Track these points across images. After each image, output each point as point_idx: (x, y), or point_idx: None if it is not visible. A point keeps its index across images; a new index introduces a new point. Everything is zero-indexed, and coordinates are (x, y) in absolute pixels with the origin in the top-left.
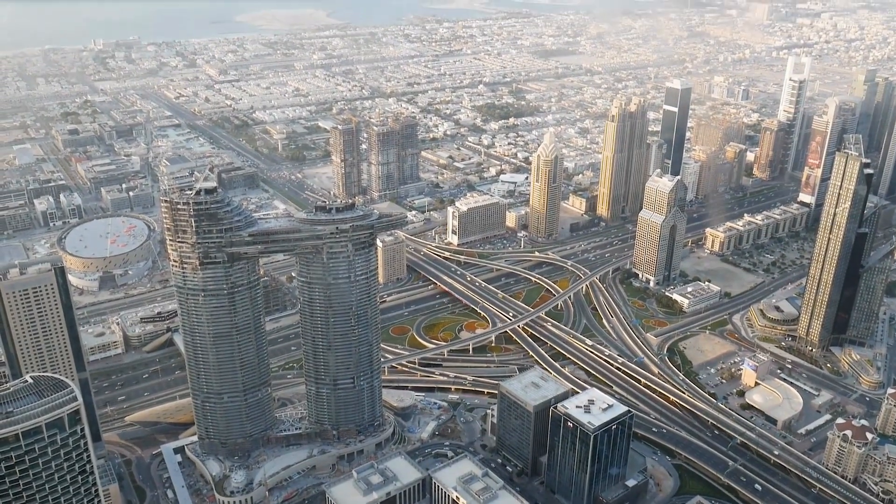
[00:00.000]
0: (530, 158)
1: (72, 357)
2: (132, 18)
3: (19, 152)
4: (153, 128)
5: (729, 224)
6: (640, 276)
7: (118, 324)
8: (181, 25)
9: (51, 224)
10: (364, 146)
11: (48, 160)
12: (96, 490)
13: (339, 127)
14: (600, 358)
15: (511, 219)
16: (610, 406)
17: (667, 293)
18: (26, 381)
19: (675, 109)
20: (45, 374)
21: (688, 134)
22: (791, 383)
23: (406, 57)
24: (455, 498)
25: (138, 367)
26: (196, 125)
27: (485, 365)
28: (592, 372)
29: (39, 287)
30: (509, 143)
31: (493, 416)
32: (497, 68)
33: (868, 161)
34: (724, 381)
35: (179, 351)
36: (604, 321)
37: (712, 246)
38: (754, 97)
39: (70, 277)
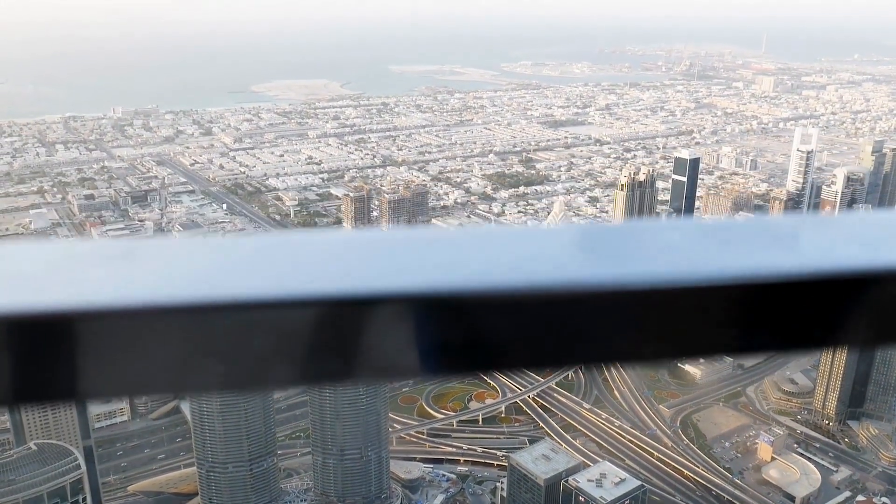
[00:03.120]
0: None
1: (77, 424)
2: (152, 88)
3: (35, 216)
4: (168, 194)
5: None
6: None
7: None
8: (199, 94)
9: None
10: (375, 213)
11: (63, 224)
12: None
13: (351, 194)
14: (612, 430)
15: None
16: (622, 480)
17: (679, 364)
18: (30, 448)
19: (685, 179)
20: (49, 441)
21: (697, 203)
22: (809, 458)
23: (418, 126)
24: None
25: (144, 435)
26: (210, 191)
27: (494, 436)
28: (604, 444)
29: None
30: (519, 212)
31: (502, 489)
32: (507, 138)
33: None
34: (739, 454)
35: (186, 418)
36: (615, 392)
37: None
38: (762, 167)
39: None
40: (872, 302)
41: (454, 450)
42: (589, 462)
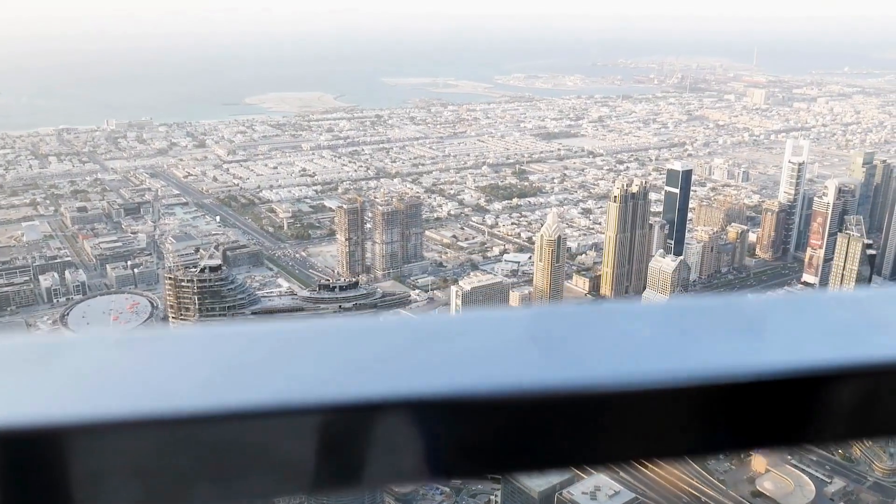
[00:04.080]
0: (533, 238)
1: None
2: (146, 100)
3: (27, 229)
4: (161, 206)
5: None
6: None
7: None
8: (192, 106)
9: (55, 300)
10: (369, 225)
11: (55, 237)
12: None
13: (345, 206)
14: None
15: (514, 298)
16: (617, 493)
17: None
18: None
19: (677, 191)
20: None
21: (690, 215)
22: (803, 470)
23: (411, 139)
24: None
25: None
26: (203, 204)
27: None
28: None
29: None
30: (513, 223)
31: (496, 502)
32: (500, 150)
33: (870, 242)
34: (733, 466)
35: None
36: None
37: None
38: (754, 179)
39: None
40: (844, 400)
41: None
42: (583, 475)
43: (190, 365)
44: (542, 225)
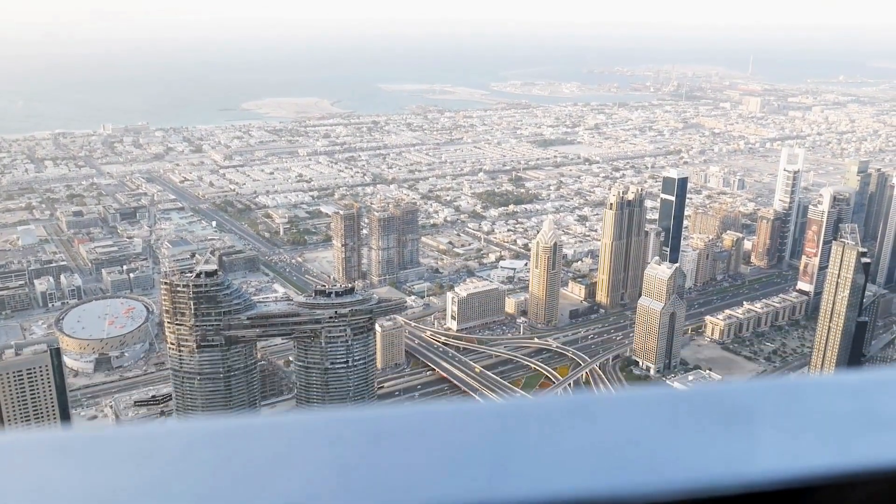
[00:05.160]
0: (529, 245)
1: None
2: (142, 105)
3: (23, 233)
4: (157, 211)
5: (729, 312)
6: (641, 363)
7: (111, 407)
8: (189, 112)
9: (50, 305)
10: (365, 231)
11: (51, 241)
12: None
13: (341, 212)
14: None
15: (510, 305)
16: None
17: (668, 381)
18: None
19: (673, 198)
20: None
21: (685, 222)
22: None
23: (408, 145)
24: None
25: None
26: (200, 209)
27: None
28: None
29: (33, 368)
30: (509, 230)
31: None
32: (497, 157)
33: (865, 250)
34: None
35: None
36: None
37: (712, 334)
38: (750, 186)
39: (65, 359)
40: None
41: None
42: None
43: None
44: (538, 232)
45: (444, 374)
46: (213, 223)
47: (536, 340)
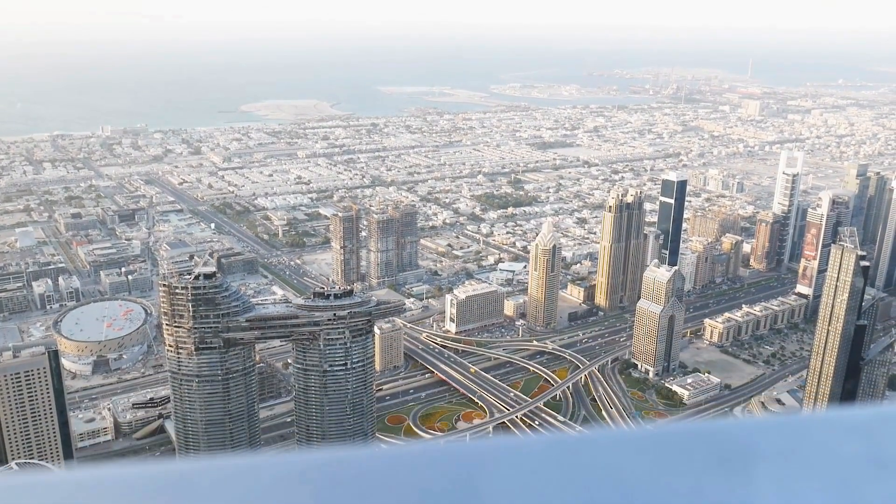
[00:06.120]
0: (528, 247)
1: (60, 443)
2: (141, 107)
3: (21, 235)
4: (155, 213)
5: (727, 315)
6: (640, 366)
7: (109, 409)
8: (188, 114)
9: (48, 307)
10: (364, 233)
11: (49, 243)
12: None
13: (340, 214)
14: None
15: (509, 307)
16: None
17: (666, 384)
18: (11, 468)
19: (672, 201)
20: (31, 460)
21: (684, 225)
22: None
23: (407, 147)
24: None
25: (127, 454)
26: (198, 211)
27: None
28: None
29: (32, 371)
30: (508, 232)
31: None
32: (496, 159)
33: (864, 254)
34: None
35: (170, 438)
36: (603, 412)
37: (711, 337)
38: (749, 190)
39: (63, 361)
40: None
41: None
42: None
43: None
44: (537, 234)
45: (443, 377)
46: (212, 225)
47: (535, 343)
